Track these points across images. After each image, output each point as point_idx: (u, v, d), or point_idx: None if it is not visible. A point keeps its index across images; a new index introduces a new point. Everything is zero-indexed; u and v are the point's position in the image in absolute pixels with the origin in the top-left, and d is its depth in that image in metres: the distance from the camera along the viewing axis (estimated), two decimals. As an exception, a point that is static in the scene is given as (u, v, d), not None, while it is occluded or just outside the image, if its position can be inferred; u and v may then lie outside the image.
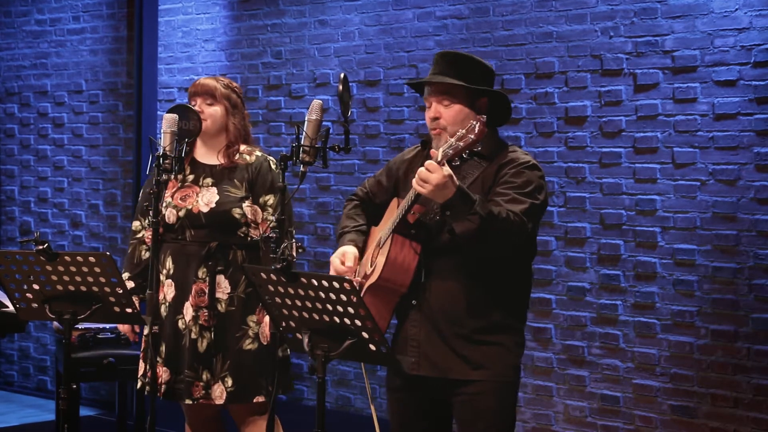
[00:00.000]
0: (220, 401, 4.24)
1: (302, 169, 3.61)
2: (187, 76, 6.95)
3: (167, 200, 4.30)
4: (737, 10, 5.04)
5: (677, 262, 5.24)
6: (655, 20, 5.26)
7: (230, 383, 4.23)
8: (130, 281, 4.32)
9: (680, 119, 5.21)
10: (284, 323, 3.24)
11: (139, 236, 4.41)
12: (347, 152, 3.63)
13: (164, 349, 4.27)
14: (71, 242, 7.50)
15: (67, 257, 3.73)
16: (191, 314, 4.24)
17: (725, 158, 5.09)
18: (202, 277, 4.25)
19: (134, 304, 3.86)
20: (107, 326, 5.65)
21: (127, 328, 4.45)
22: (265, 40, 6.67)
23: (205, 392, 4.24)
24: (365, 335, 3.09)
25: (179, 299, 4.27)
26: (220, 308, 4.24)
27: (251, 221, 4.29)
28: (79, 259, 3.73)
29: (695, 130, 5.17)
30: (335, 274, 3.56)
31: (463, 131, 3.20)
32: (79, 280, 3.75)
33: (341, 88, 3.53)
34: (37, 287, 3.81)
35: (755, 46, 5.01)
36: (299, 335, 3.19)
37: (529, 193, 3.39)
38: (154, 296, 3.95)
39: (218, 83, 4.35)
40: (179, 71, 7.02)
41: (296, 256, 4.25)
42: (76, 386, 5.70)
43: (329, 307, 3.09)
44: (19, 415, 7.09)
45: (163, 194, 4.18)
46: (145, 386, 4.27)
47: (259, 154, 4.38)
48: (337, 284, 3.04)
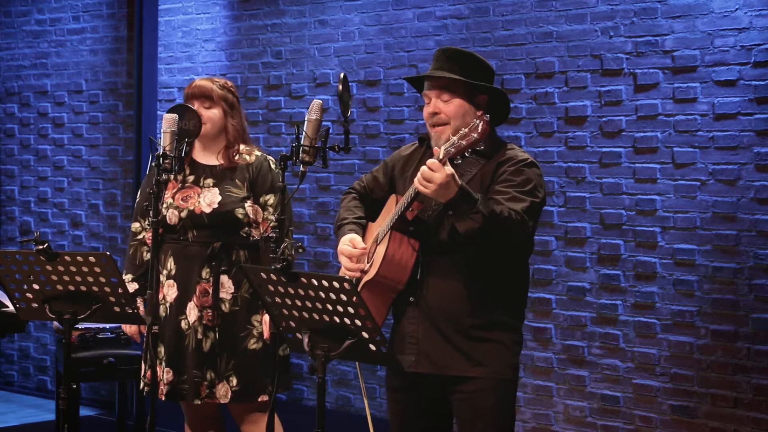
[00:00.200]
0: (224, 400, 4.25)
1: (302, 169, 3.61)
2: (187, 76, 6.95)
3: (168, 201, 4.30)
4: (737, 10, 5.04)
5: (677, 262, 5.24)
6: (655, 20, 5.26)
7: (235, 383, 4.23)
8: (133, 283, 4.32)
9: (680, 119, 5.21)
10: (284, 323, 3.24)
11: (139, 237, 4.40)
12: (347, 152, 3.63)
13: (165, 349, 4.27)
14: (71, 242, 7.50)
15: (67, 257, 3.73)
16: (196, 314, 4.24)
17: (725, 158, 5.09)
18: (205, 277, 4.25)
19: (134, 303, 3.85)
20: (107, 326, 5.65)
21: (134, 329, 4.43)
22: (265, 40, 6.67)
23: (209, 391, 4.24)
24: (365, 335, 3.09)
25: (182, 300, 4.27)
26: (223, 308, 4.24)
27: (253, 221, 4.29)
28: (79, 259, 3.73)
29: (695, 130, 5.17)
30: (348, 259, 3.53)
31: (465, 129, 3.18)
32: (79, 280, 3.75)
33: (341, 88, 3.53)
34: (37, 287, 3.81)
35: (755, 46, 5.01)
36: (299, 335, 3.19)
37: (529, 191, 3.39)
38: (154, 296, 3.95)
39: (214, 85, 4.35)
40: (179, 71, 7.02)
41: (295, 256, 4.26)
42: (76, 386, 5.70)
43: (329, 307, 3.09)
44: (19, 415, 7.08)
45: (162, 194, 4.18)
46: (147, 387, 4.26)
47: (258, 153, 4.38)
48: (337, 284, 3.04)
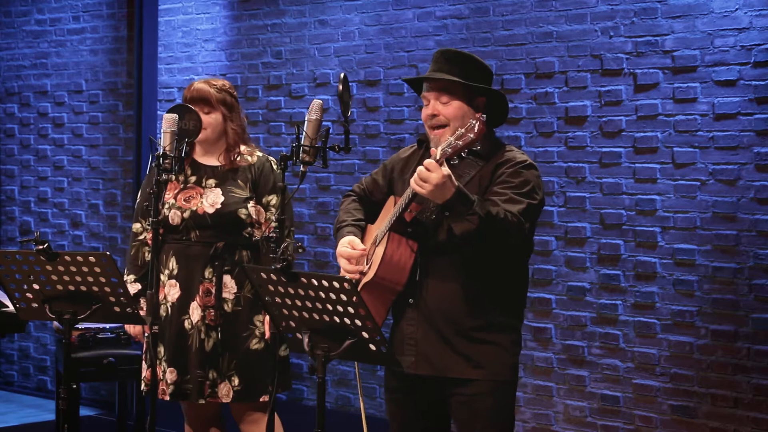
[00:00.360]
0: (226, 400, 4.25)
1: (302, 169, 3.61)
2: (187, 76, 6.95)
3: (170, 201, 4.30)
4: (737, 10, 5.04)
5: (677, 262, 5.23)
6: (655, 20, 5.26)
7: (237, 382, 4.23)
8: (136, 283, 4.33)
9: (680, 119, 5.21)
10: (284, 323, 3.24)
11: (141, 238, 4.40)
12: (347, 152, 3.63)
13: (168, 349, 4.27)
14: (71, 242, 7.50)
15: (67, 257, 3.73)
16: (199, 314, 4.24)
17: (725, 158, 5.09)
18: (208, 277, 4.25)
19: (134, 304, 3.85)
20: (107, 326, 5.65)
21: (137, 329, 4.42)
22: (265, 40, 6.67)
23: (211, 390, 4.24)
24: (365, 335, 3.09)
25: (185, 299, 4.27)
26: (226, 308, 4.25)
27: (255, 221, 4.29)
28: (79, 259, 3.73)
29: (695, 130, 5.17)
30: (347, 261, 3.53)
31: (462, 130, 3.19)
32: (79, 280, 3.75)
33: (341, 88, 3.53)
34: (37, 287, 3.81)
35: (755, 46, 5.00)
36: (299, 335, 3.19)
37: (526, 193, 3.39)
38: (154, 296, 3.95)
39: (212, 88, 4.34)
40: (179, 71, 7.02)
41: (295, 256, 4.26)
42: (76, 386, 5.70)
43: (329, 307, 3.09)
44: (19, 415, 7.08)
45: (162, 194, 4.18)
46: (147, 387, 4.26)
47: (260, 154, 4.38)
48: (337, 284, 3.04)
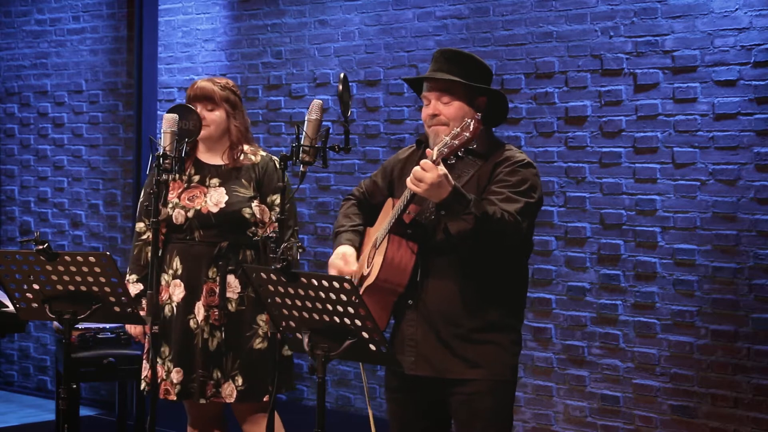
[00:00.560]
0: (230, 399, 4.25)
1: (302, 169, 3.61)
2: (187, 76, 6.95)
3: (173, 201, 4.30)
4: (737, 10, 5.04)
5: (677, 262, 5.23)
6: (655, 20, 5.26)
7: (240, 382, 4.23)
8: (138, 283, 4.33)
9: (680, 119, 5.21)
10: (284, 323, 3.24)
11: (144, 238, 4.39)
12: (347, 152, 3.63)
13: (174, 349, 4.27)
14: (71, 242, 7.50)
15: (67, 257, 3.73)
16: (203, 314, 4.25)
17: (725, 158, 5.09)
18: (212, 276, 4.25)
19: (134, 303, 3.85)
20: (107, 326, 5.65)
21: (138, 330, 4.42)
22: (265, 40, 6.67)
23: (215, 390, 4.25)
24: (365, 335, 3.09)
25: (189, 299, 4.27)
26: (230, 307, 4.25)
27: (259, 221, 4.29)
28: (79, 259, 3.73)
29: (695, 130, 5.17)
30: (337, 274, 3.55)
31: (458, 129, 3.19)
32: (79, 280, 3.75)
33: (341, 88, 3.53)
34: (37, 287, 3.81)
35: (755, 46, 5.00)
36: (299, 335, 3.19)
37: (523, 191, 3.39)
38: (154, 296, 3.95)
39: (216, 86, 4.34)
40: (179, 71, 7.02)
41: (297, 257, 4.26)
42: (76, 386, 5.70)
43: (329, 307, 3.09)
44: (19, 415, 7.08)
45: (162, 194, 4.17)
46: (148, 387, 4.26)
47: (263, 154, 4.39)
48: (337, 284, 3.04)
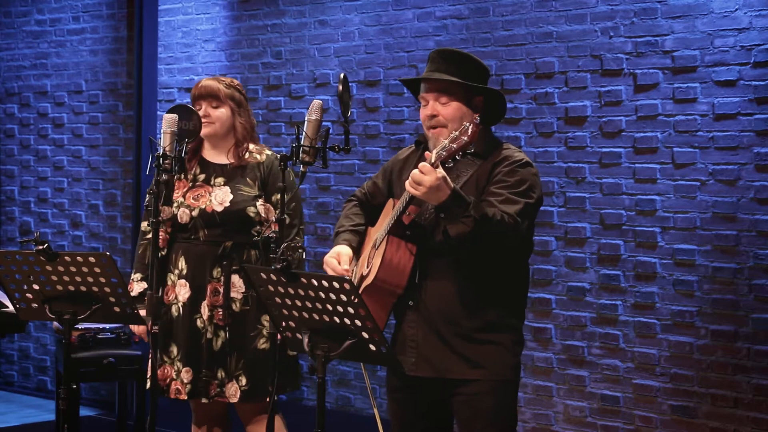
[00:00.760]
0: (234, 399, 4.26)
1: (302, 169, 3.62)
2: (187, 76, 6.95)
3: (179, 200, 4.31)
4: (737, 10, 5.04)
5: (677, 262, 5.23)
6: (655, 20, 5.26)
7: (244, 382, 4.24)
8: (143, 282, 4.33)
9: (680, 119, 5.21)
10: (284, 323, 3.24)
11: (148, 237, 4.37)
12: (347, 152, 3.64)
13: (182, 349, 4.28)
14: (71, 242, 7.50)
15: (67, 257, 3.73)
16: (207, 313, 4.26)
17: (725, 158, 5.09)
18: (216, 276, 4.26)
19: (134, 303, 3.86)
20: (107, 326, 5.65)
21: (142, 329, 4.43)
22: (265, 40, 6.67)
23: (219, 390, 4.26)
24: (365, 335, 3.09)
25: (195, 299, 4.28)
26: (234, 307, 4.25)
27: (264, 220, 4.30)
28: (79, 259, 3.73)
29: (695, 130, 5.17)
30: (331, 272, 3.56)
31: (456, 133, 3.19)
32: (79, 280, 3.75)
33: (341, 88, 3.54)
34: (37, 287, 3.81)
35: (755, 46, 5.00)
36: (299, 335, 3.19)
37: (522, 192, 3.39)
38: (154, 296, 3.95)
39: (220, 84, 4.36)
40: (179, 71, 7.02)
41: (300, 256, 4.26)
42: (76, 386, 5.70)
43: (329, 307, 3.09)
44: (19, 415, 7.09)
45: (162, 194, 4.17)
46: (156, 386, 4.27)
47: (269, 152, 4.39)
48: (337, 284, 3.04)
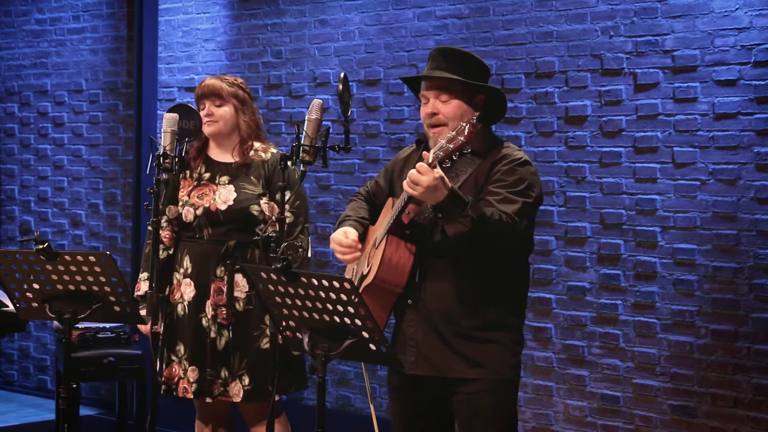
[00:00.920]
0: (237, 399, 4.27)
1: (302, 168, 3.62)
2: (187, 75, 6.95)
3: (183, 199, 4.33)
4: (737, 9, 5.04)
5: (677, 261, 5.23)
6: (655, 20, 5.26)
7: (247, 382, 4.24)
8: (149, 281, 4.33)
9: (680, 119, 5.21)
10: (284, 323, 3.24)
11: None
12: (347, 152, 3.63)
13: (188, 348, 4.29)
14: (71, 242, 7.50)
15: (67, 257, 3.74)
16: (211, 312, 4.27)
17: (725, 158, 5.09)
18: (220, 275, 4.27)
19: (135, 303, 3.86)
20: (107, 326, 5.65)
21: (148, 328, 4.43)
22: (265, 39, 6.67)
23: (223, 389, 4.26)
24: (365, 335, 3.09)
25: (200, 298, 4.29)
26: (238, 307, 4.26)
27: (268, 218, 4.29)
28: (79, 258, 3.73)
29: (695, 129, 5.17)
30: (338, 248, 3.51)
31: (453, 133, 3.18)
32: (79, 279, 3.75)
33: (341, 87, 3.54)
34: (37, 287, 3.81)
35: (755, 45, 5.00)
36: (299, 335, 3.19)
37: (521, 191, 3.38)
38: (154, 296, 3.95)
39: (223, 83, 4.36)
40: (179, 71, 7.02)
41: (300, 254, 4.26)
42: (76, 386, 5.70)
43: (329, 306, 3.09)
44: (19, 414, 7.09)
45: (162, 193, 4.18)
46: (165, 386, 4.29)
47: (274, 151, 4.39)
48: (337, 284, 3.04)
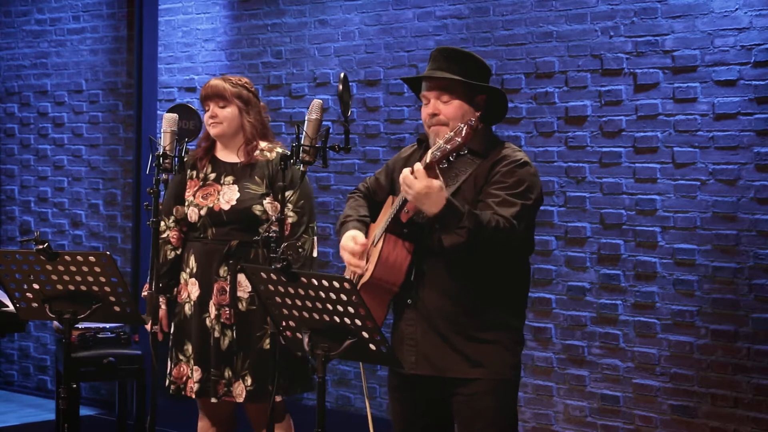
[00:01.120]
0: (240, 399, 4.28)
1: (302, 168, 3.62)
2: (187, 75, 6.95)
3: (189, 199, 4.35)
4: (737, 10, 5.04)
5: (677, 262, 5.23)
6: (655, 20, 5.26)
7: (250, 382, 4.25)
8: (150, 281, 4.34)
9: (680, 119, 5.21)
10: (284, 323, 3.24)
11: (164, 236, 4.41)
12: (347, 152, 3.64)
13: (192, 347, 4.30)
14: (71, 242, 7.50)
15: (67, 257, 3.74)
16: (214, 312, 4.27)
17: (725, 158, 5.09)
18: (223, 275, 4.27)
19: (134, 303, 3.86)
20: (107, 326, 5.65)
21: (156, 328, 4.43)
22: (265, 39, 6.67)
23: (227, 389, 4.27)
24: (365, 335, 3.09)
25: (204, 298, 4.30)
26: (240, 307, 4.26)
27: (271, 218, 4.29)
28: (79, 258, 3.73)
29: (695, 129, 5.17)
30: (350, 255, 3.49)
31: (450, 134, 3.17)
32: (79, 279, 3.75)
33: (341, 87, 3.54)
34: (37, 287, 3.81)
35: (755, 45, 5.00)
36: (299, 335, 3.19)
37: (520, 193, 3.36)
38: (154, 296, 3.96)
39: (227, 83, 4.37)
40: (179, 71, 7.02)
41: (312, 253, 4.26)
42: (76, 386, 5.70)
43: (329, 306, 3.09)
44: (19, 414, 7.09)
45: (161, 193, 4.19)
46: (174, 386, 4.30)
47: (280, 150, 4.39)
48: (337, 284, 3.04)
